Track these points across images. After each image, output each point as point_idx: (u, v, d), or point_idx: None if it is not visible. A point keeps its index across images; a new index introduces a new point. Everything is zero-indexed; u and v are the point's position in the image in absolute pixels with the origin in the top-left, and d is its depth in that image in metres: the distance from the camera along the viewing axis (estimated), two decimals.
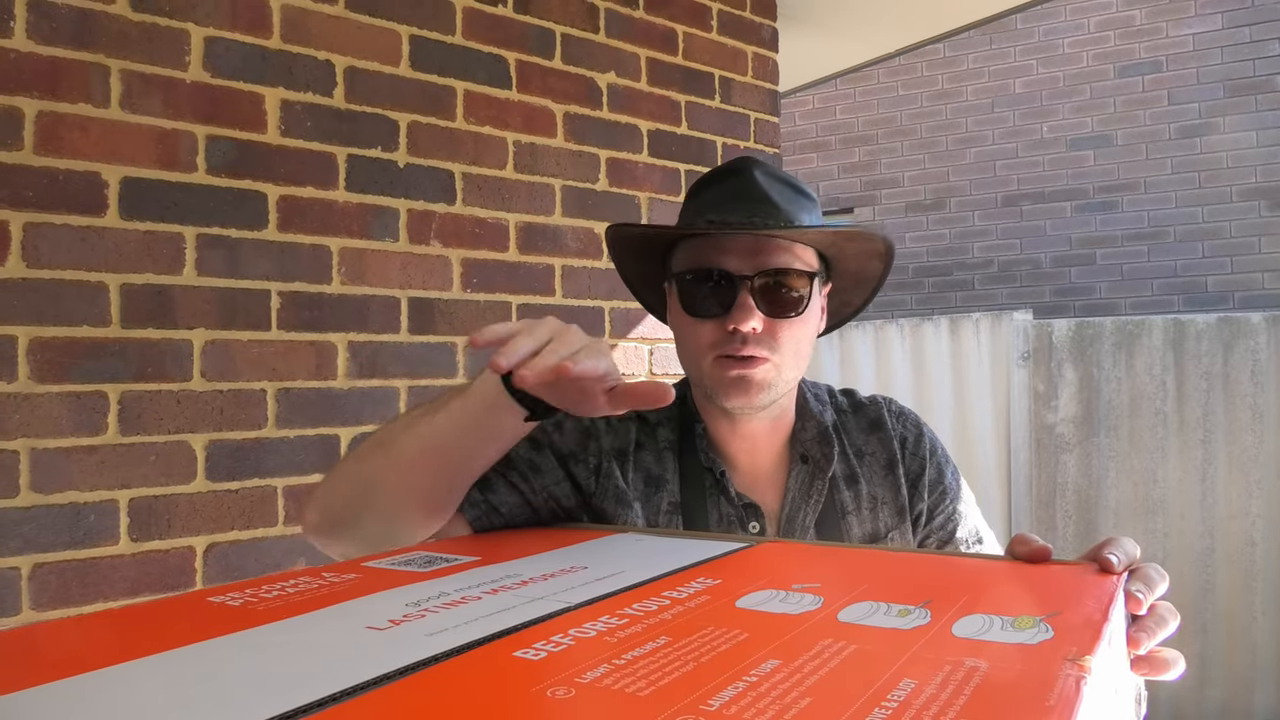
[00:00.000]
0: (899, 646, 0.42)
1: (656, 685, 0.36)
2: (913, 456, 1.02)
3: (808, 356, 0.97)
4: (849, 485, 0.99)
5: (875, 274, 1.03)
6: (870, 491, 0.99)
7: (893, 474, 1.00)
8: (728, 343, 0.91)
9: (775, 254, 0.91)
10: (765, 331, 0.91)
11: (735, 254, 0.91)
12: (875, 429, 1.03)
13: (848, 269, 1.01)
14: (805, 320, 0.94)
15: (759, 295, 0.90)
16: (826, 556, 0.66)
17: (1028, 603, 0.50)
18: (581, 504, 0.95)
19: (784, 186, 0.96)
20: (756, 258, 0.91)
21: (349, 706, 0.35)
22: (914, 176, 6.59)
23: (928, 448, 1.03)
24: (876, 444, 1.02)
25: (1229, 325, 3.61)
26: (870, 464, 1.01)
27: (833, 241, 0.96)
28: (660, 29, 2.32)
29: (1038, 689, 0.36)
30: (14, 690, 0.37)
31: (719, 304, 0.91)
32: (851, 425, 1.03)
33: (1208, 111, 5.69)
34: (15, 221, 1.43)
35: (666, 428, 1.00)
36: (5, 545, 1.41)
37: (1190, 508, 3.62)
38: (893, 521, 0.99)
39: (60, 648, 0.45)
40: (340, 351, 1.77)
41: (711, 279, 0.91)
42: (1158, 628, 0.60)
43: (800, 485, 0.98)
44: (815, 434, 1.00)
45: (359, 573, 0.59)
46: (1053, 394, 3.87)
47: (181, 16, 1.60)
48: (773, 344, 0.91)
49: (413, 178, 1.88)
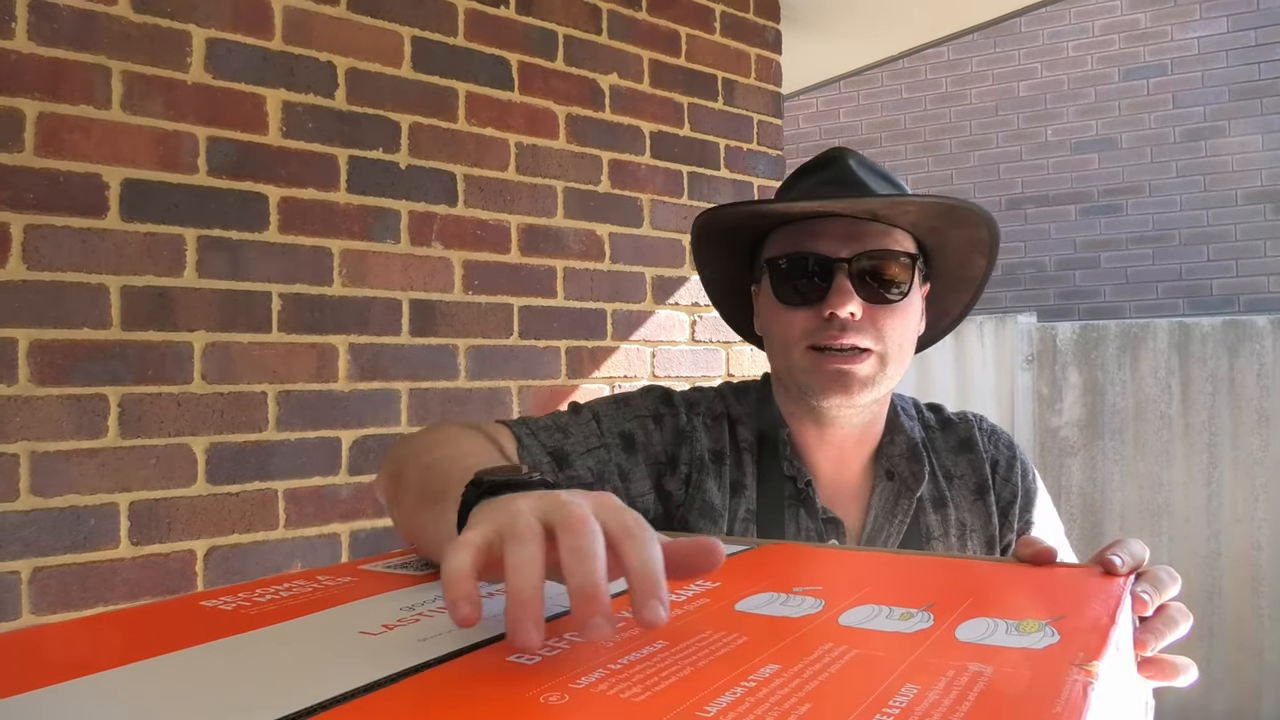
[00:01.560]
0: (901, 651, 0.41)
1: (652, 690, 0.36)
2: (1004, 483, 0.95)
3: (910, 354, 0.90)
4: (936, 509, 0.92)
5: (977, 273, 0.95)
6: (959, 518, 0.92)
7: (982, 500, 0.93)
8: (824, 331, 0.84)
9: (874, 237, 0.85)
10: (865, 319, 0.84)
11: (831, 237, 0.85)
12: (966, 449, 0.96)
13: (948, 265, 0.94)
14: (908, 309, 0.87)
15: (857, 279, 0.84)
16: (827, 559, 0.66)
17: (1033, 606, 0.50)
18: (665, 515, 0.88)
19: (877, 175, 0.90)
20: (854, 241, 0.85)
21: (340, 712, 0.34)
22: (917, 180, 6.58)
23: (1020, 473, 0.96)
24: (967, 466, 0.95)
25: (1234, 329, 3.60)
26: (959, 488, 0.94)
27: (933, 227, 0.88)
28: (663, 30, 2.32)
29: (1044, 695, 0.36)
30: (6, 695, 0.37)
31: (814, 290, 0.84)
32: (940, 444, 0.96)
33: (1213, 115, 5.68)
34: (16, 223, 1.43)
35: (746, 426, 0.93)
36: (5, 549, 1.40)
37: (1195, 512, 3.61)
38: (980, 551, 0.92)
39: (48, 653, 0.45)
40: (341, 354, 1.77)
41: (806, 263, 0.85)
42: (1166, 629, 0.59)
43: (884, 504, 0.91)
44: (905, 450, 0.93)
45: (354, 576, 0.58)
46: (1057, 397, 3.85)
47: (183, 18, 1.59)
48: (875, 333, 0.85)
49: (414, 179, 1.87)
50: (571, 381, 2.11)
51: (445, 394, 1.90)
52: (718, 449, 0.90)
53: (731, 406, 0.95)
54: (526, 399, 2.04)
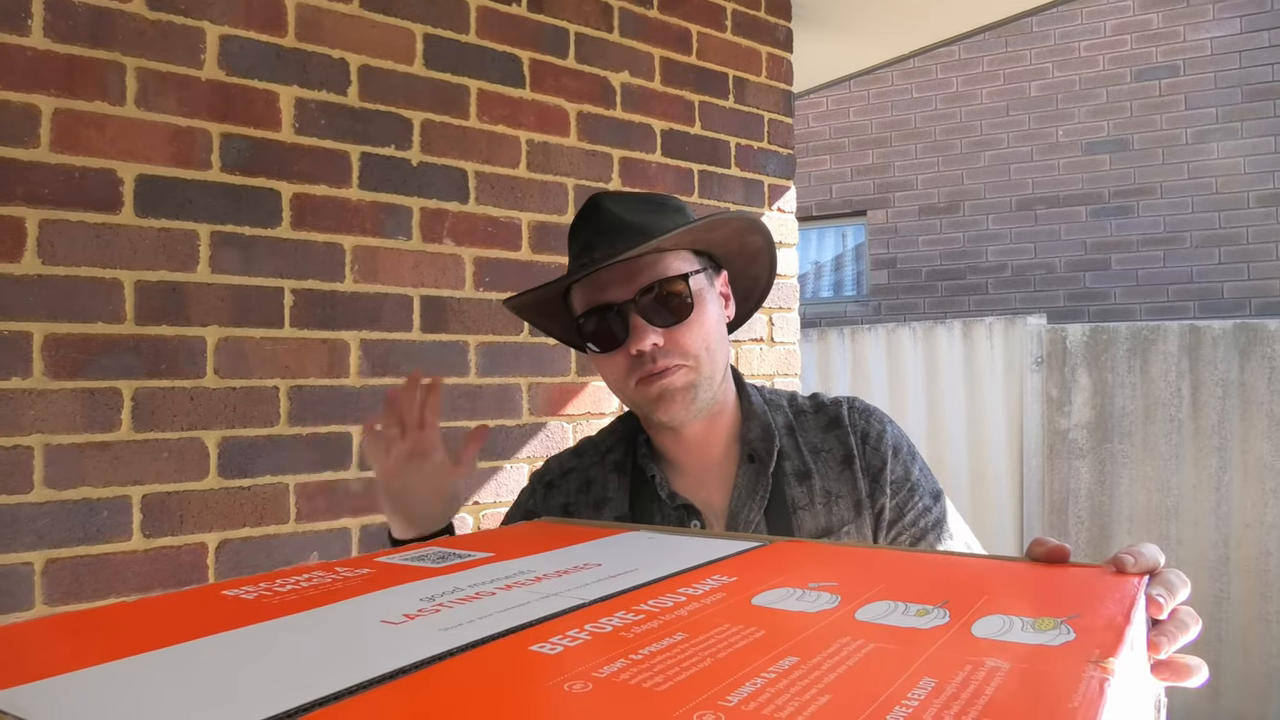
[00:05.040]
0: (918, 646, 0.41)
1: (674, 680, 0.36)
2: (874, 451, 1.03)
3: (721, 348, 1.00)
4: (800, 481, 1.01)
5: (759, 246, 1.06)
6: (824, 486, 1.01)
7: (849, 469, 1.02)
8: (639, 366, 0.96)
9: (647, 271, 0.95)
10: (668, 343, 0.95)
11: (612, 284, 0.95)
12: (833, 427, 1.05)
13: (730, 251, 1.04)
14: (701, 319, 0.97)
15: (647, 313, 0.94)
16: (843, 556, 0.66)
17: (1048, 604, 0.50)
18: None
19: (638, 205, 1.00)
20: (631, 281, 0.95)
21: (364, 699, 0.35)
22: (927, 180, 6.57)
23: (890, 444, 1.04)
24: (834, 441, 1.04)
25: (1245, 332, 3.58)
26: (826, 460, 1.03)
27: (692, 240, 0.98)
28: (674, 29, 2.32)
29: (1061, 691, 0.36)
30: (31, 681, 0.37)
31: (617, 334, 0.96)
32: (810, 425, 1.06)
33: (1225, 116, 5.65)
34: (31, 219, 1.44)
35: (618, 450, 1.08)
36: (19, 541, 1.41)
37: (1205, 516, 3.59)
38: (849, 515, 1.00)
39: (74, 639, 0.45)
40: (353, 350, 1.77)
41: (602, 314, 0.96)
42: (1178, 632, 0.60)
43: (747, 483, 1.01)
44: (759, 432, 1.03)
45: (372, 568, 0.59)
46: (1066, 400, 3.84)
47: (197, 15, 1.60)
48: (679, 351, 0.95)
49: (426, 176, 1.88)
50: (581, 379, 2.12)
51: (455, 390, 1.91)
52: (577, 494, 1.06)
53: (601, 442, 1.11)
54: (536, 396, 2.04)
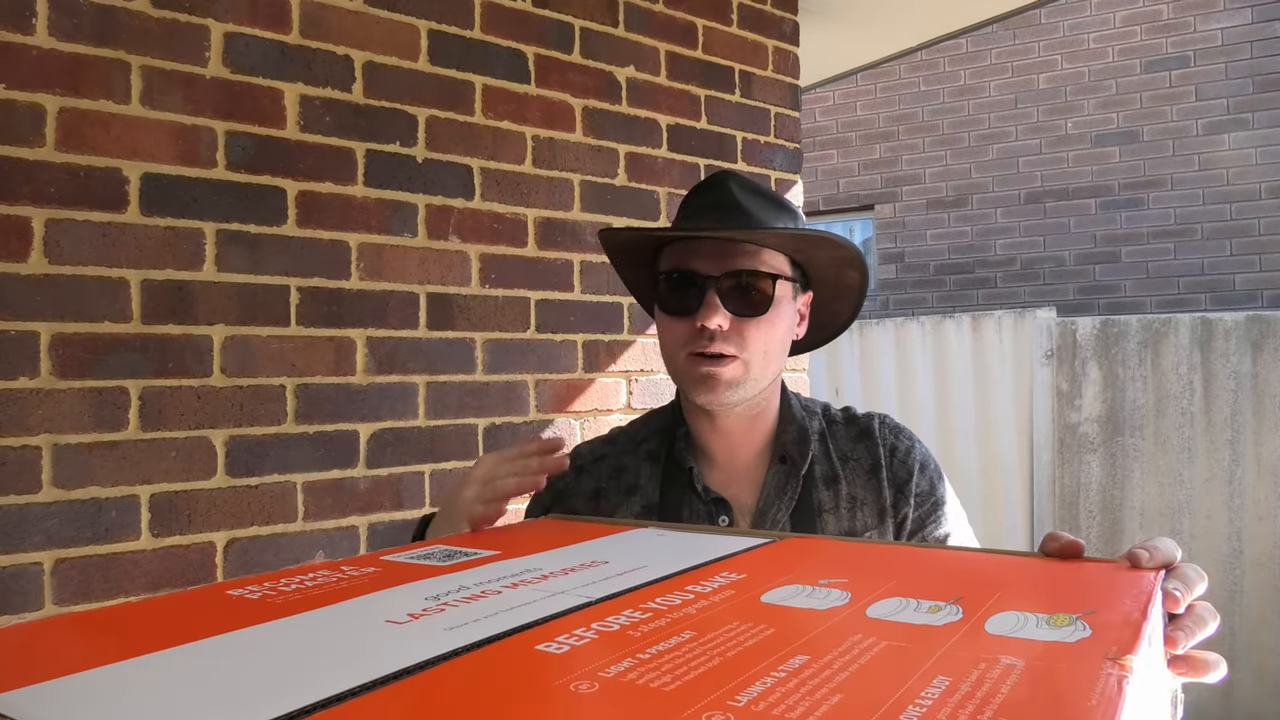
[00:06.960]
0: (931, 643, 0.40)
1: (682, 680, 0.35)
2: (901, 465, 1.06)
3: (779, 358, 1.03)
4: (828, 485, 1.04)
5: (853, 284, 1.08)
6: (850, 492, 1.04)
7: (875, 478, 1.05)
8: (697, 339, 0.98)
9: (741, 257, 0.98)
10: (732, 330, 0.97)
11: (705, 257, 0.98)
12: (864, 437, 1.08)
13: (825, 277, 1.07)
14: (772, 321, 0.99)
15: (725, 295, 0.97)
16: (853, 552, 0.65)
17: (1063, 600, 0.49)
18: None
19: (758, 197, 1.03)
20: (724, 260, 0.97)
21: (370, 699, 0.34)
22: (935, 173, 6.54)
23: (917, 460, 1.06)
24: (863, 450, 1.07)
25: (1258, 324, 3.56)
26: (854, 468, 1.06)
27: (797, 247, 1.01)
28: (680, 23, 2.31)
29: (1079, 688, 0.35)
30: (35, 682, 0.37)
31: (690, 303, 0.98)
32: (841, 434, 1.09)
33: (1236, 107, 5.61)
34: (37, 218, 1.44)
35: (653, 441, 1.10)
36: (28, 541, 1.41)
37: (1217, 510, 3.57)
38: (872, 521, 1.03)
39: (80, 640, 0.45)
40: (359, 347, 1.77)
41: (685, 279, 0.98)
42: (1196, 628, 0.59)
43: (776, 483, 1.03)
44: (795, 436, 1.06)
45: (378, 566, 0.58)
46: (1076, 393, 3.82)
47: (201, 13, 1.60)
48: (740, 342, 0.97)
49: (431, 173, 1.87)
50: (588, 375, 2.11)
51: (462, 387, 1.90)
52: (609, 479, 1.08)
53: (636, 432, 1.13)
54: (543, 393, 2.04)
